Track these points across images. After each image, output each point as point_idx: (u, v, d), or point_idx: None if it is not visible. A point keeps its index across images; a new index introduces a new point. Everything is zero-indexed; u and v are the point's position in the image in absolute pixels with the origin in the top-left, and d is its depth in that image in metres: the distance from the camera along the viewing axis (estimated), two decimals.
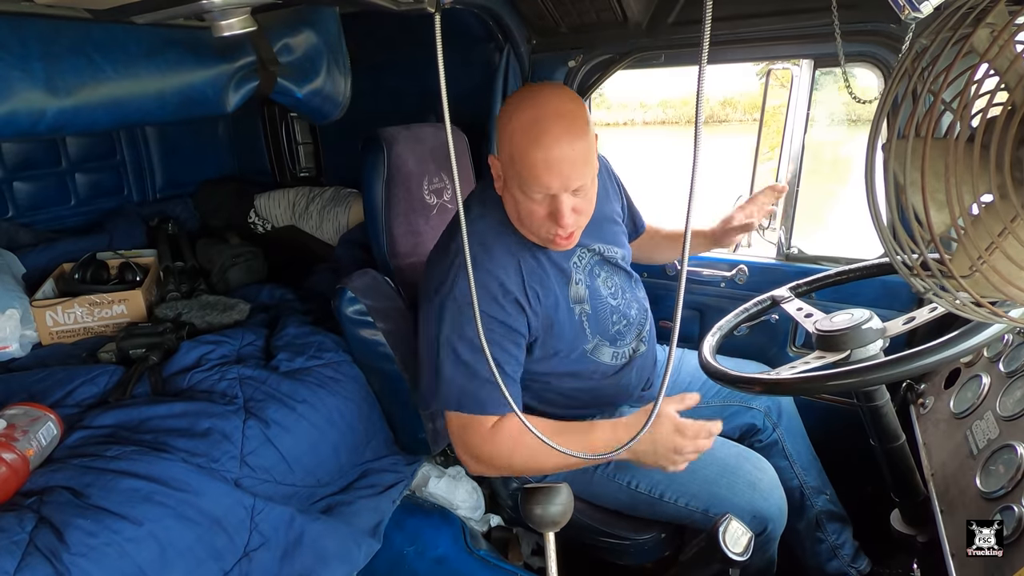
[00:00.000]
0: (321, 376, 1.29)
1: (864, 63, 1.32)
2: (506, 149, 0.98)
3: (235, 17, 0.76)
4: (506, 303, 1.03)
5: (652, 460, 1.04)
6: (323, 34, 1.61)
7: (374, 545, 1.15)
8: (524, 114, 0.95)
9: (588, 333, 1.15)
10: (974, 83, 0.54)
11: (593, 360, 1.18)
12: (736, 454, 1.18)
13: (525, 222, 1.03)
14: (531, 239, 1.07)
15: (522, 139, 0.94)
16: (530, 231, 1.05)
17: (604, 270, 1.21)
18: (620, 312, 1.20)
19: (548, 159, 0.93)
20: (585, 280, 1.16)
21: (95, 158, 2.12)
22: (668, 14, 1.43)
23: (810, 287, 1.25)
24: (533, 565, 1.43)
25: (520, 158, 0.95)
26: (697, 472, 1.13)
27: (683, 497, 1.15)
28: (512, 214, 1.05)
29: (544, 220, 1.00)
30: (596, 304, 1.16)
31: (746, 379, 0.98)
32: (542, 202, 0.98)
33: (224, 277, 1.90)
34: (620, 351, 1.21)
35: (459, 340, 1.01)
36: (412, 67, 1.85)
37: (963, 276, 0.57)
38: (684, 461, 1.03)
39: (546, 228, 1.01)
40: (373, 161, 1.35)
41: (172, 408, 1.14)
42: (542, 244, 1.07)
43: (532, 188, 0.96)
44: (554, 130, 0.93)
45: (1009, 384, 0.97)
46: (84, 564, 0.83)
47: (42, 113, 1.18)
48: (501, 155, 1.01)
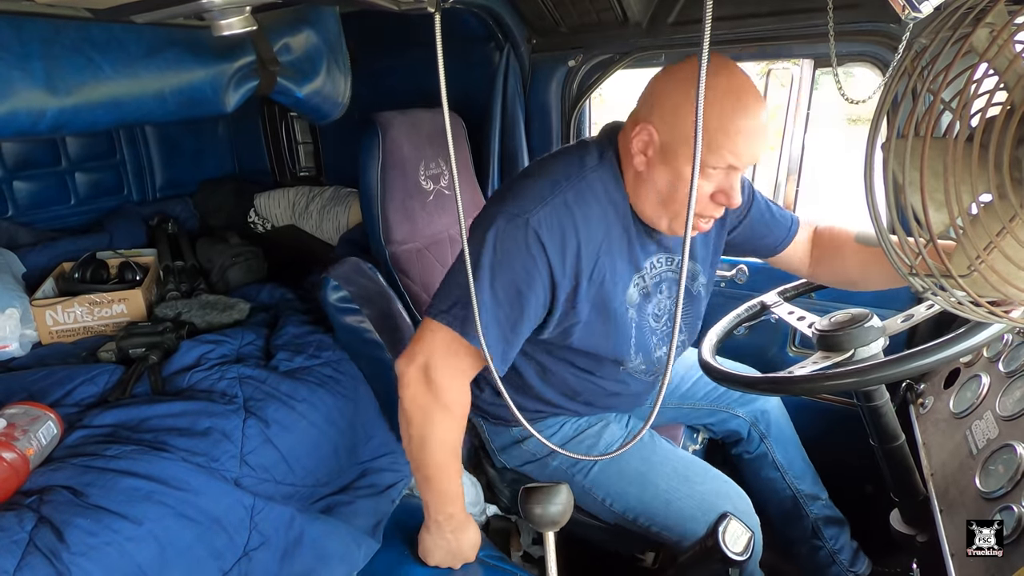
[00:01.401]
0: (321, 375, 1.29)
1: (864, 62, 1.32)
2: (684, 114, 0.88)
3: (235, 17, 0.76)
4: (566, 262, 0.94)
5: (430, 553, 1.05)
6: (323, 34, 1.61)
7: (374, 545, 1.15)
8: (721, 80, 0.86)
9: (633, 343, 1.07)
10: (973, 83, 0.54)
11: (624, 377, 1.12)
12: (714, 490, 1.13)
13: (678, 200, 0.92)
14: (659, 222, 0.98)
15: (725, 105, 0.85)
16: (671, 214, 0.95)
17: (670, 289, 1.10)
18: (659, 336, 1.12)
19: (754, 128, 0.87)
20: (643, 290, 1.06)
21: (95, 158, 2.12)
22: (668, 14, 1.43)
23: (797, 291, 1.25)
24: (533, 554, 1.43)
25: (720, 125, 0.86)
26: (672, 504, 1.11)
27: (656, 526, 1.13)
28: (655, 192, 0.94)
29: (705, 200, 0.92)
30: (641, 319, 1.08)
31: (747, 379, 0.98)
32: (714, 177, 0.90)
33: (224, 277, 1.90)
34: (650, 371, 1.14)
35: (506, 271, 0.92)
36: (412, 67, 1.85)
37: (962, 276, 0.57)
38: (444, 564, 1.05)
39: (701, 208, 0.93)
40: (368, 145, 1.35)
41: (172, 407, 1.14)
42: (669, 230, 0.98)
43: (720, 159, 0.87)
44: (758, 100, 0.88)
45: (1009, 384, 0.97)
46: (84, 563, 0.83)
47: (42, 113, 1.18)
48: (662, 126, 0.90)
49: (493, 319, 0.92)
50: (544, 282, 0.94)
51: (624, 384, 1.15)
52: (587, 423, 1.24)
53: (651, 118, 0.92)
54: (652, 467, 1.15)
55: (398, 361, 0.97)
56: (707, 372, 1.05)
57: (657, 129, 0.91)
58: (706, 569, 1.06)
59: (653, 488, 1.13)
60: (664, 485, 1.13)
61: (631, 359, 1.09)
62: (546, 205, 0.93)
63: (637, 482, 1.14)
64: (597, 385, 1.14)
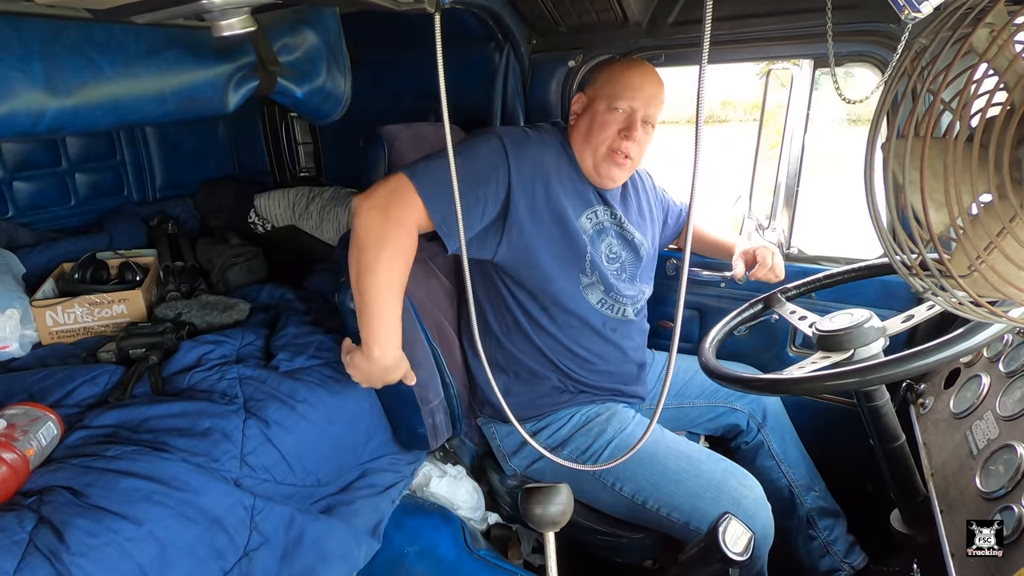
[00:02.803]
0: (321, 375, 1.29)
1: (864, 63, 1.32)
2: (601, 79, 1.23)
3: (235, 17, 0.76)
4: (522, 168, 1.16)
5: (355, 369, 1.12)
6: (323, 34, 1.61)
7: (374, 545, 1.15)
8: (627, 62, 1.24)
9: (589, 259, 1.24)
10: (973, 83, 0.54)
11: (584, 299, 1.26)
12: (723, 469, 1.17)
13: (595, 135, 1.21)
14: (587, 160, 1.24)
15: (623, 69, 1.21)
16: (595, 147, 1.22)
17: (615, 239, 1.31)
18: (615, 276, 1.29)
19: (642, 83, 1.20)
20: (592, 228, 1.27)
21: (95, 158, 2.12)
22: (668, 14, 1.43)
23: (798, 291, 1.26)
24: (533, 563, 1.44)
25: (618, 78, 1.20)
26: (681, 484, 1.14)
27: (665, 507, 1.15)
28: (580, 135, 1.24)
29: (615, 135, 1.20)
30: (594, 249, 1.25)
31: (747, 379, 0.98)
32: (620, 117, 1.20)
33: (224, 277, 1.90)
34: (611, 302, 1.28)
35: (466, 155, 1.14)
36: (412, 67, 1.85)
37: (962, 276, 0.57)
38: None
39: (613, 139, 1.20)
40: (374, 159, 1.35)
41: (172, 408, 1.14)
42: (595, 171, 1.24)
43: (619, 100, 1.19)
44: (649, 72, 1.23)
45: (1009, 384, 0.97)
46: (84, 564, 0.83)
47: (42, 113, 1.18)
48: (589, 89, 1.25)
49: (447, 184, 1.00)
50: (502, 176, 1.15)
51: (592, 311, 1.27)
52: (595, 412, 1.28)
53: (584, 88, 1.27)
54: (660, 449, 1.19)
55: (356, 197, 1.09)
56: (707, 372, 1.05)
57: (585, 94, 1.26)
58: (706, 569, 1.06)
59: (662, 468, 1.16)
60: (673, 465, 1.16)
61: (587, 276, 1.25)
62: (511, 129, 1.25)
63: (647, 464, 1.17)
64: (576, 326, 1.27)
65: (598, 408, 1.29)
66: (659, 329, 1.78)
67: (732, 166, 4.33)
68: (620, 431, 1.23)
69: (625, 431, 1.23)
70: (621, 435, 1.23)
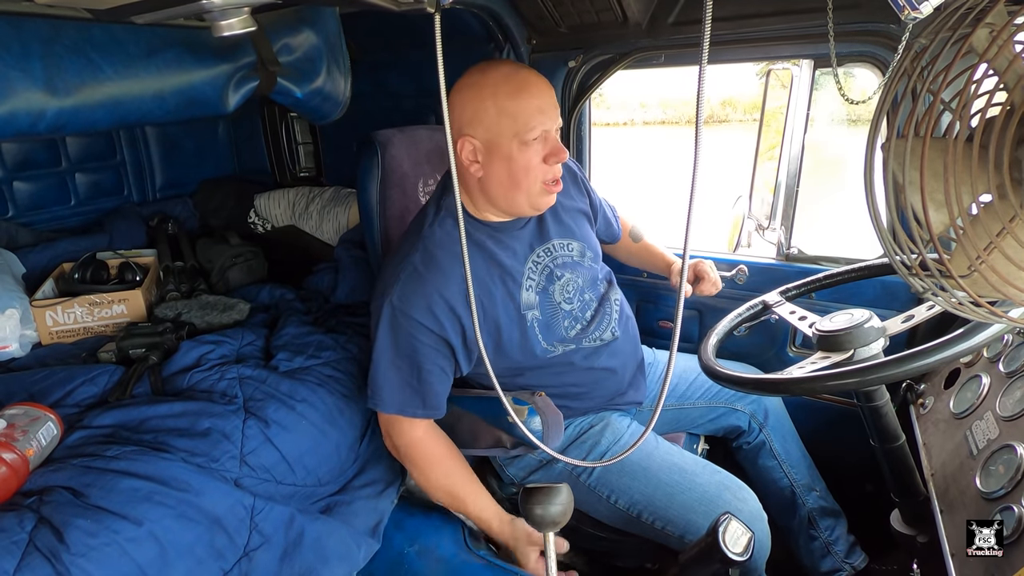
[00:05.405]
0: (320, 375, 1.29)
1: (864, 63, 1.32)
2: (489, 117, 1.01)
3: (235, 17, 0.76)
4: (440, 314, 1.06)
5: (507, 549, 1.16)
6: (323, 34, 1.61)
7: (374, 545, 1.15)
8: (491, 76, 1.02)
9: (541, 339, 1.16)
10: (973, 83, 0.54)
11: (559, 355, 1.20)
12: (718, 482, 1.15)
13: (522, 178, 1.05)
14: (519, 203, 1.09)
15: (508, 93, 1.00)
16: (527, 188, 1.06)
17: (565, 271, 1.20)
18: (573, 317, 1.20)
19: (538, 93, 1.02)
20: (537, 287, 1.17)
21: (95, 158, 2.12)
22: (668, 14, 1.43)
23: (798, 291, 1.26)
24: None
25: (513, 110, 1.00)
26: (675, 497, 1.13)
27: (659, 520, 1.14)
28: (502, 184, 1.06)
29: (541, 167, 1.05)
30: (546, 311, 1.17)
31: (747, 379, 0.98)
32: (537, 145, 1.03)
33: (224, 277, 1.90)
34: (586, 341, 1.22)
35: (393, 345, 1.08)
36: (412, 67, 1.85)
37: (962, 276, 0.57)
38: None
39: (543, 172, 1.05)
40: (367, 164, 1.35)
41: (172, 408, 1.14)
42: (532, 207, 1.10)
43: (530, 131, 1.01)
44: (531, 77, 1.03)
45: (1009, 384, 0.97)
46: (84, 564, 0.83)
47: (42, 113, 1.18)
48: (476, 131, 1.03)
49: (399, 383, 1.10)
50: (430, 339, 1.08)
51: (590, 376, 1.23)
52: (589, 423, 1.26)
53: (464, 131, 1.04)
54: (654, 461, 1.18)
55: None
56: (707, 372, 1.05)
57: (474, 135, 1.04)
58: (706, 569, 1.06)
59: (655, 481, 1.15)
60: (666, 478, 1.15)
61: (554, 347, 1.18)
62: (399, 281, 1.07)
63: (640, 476, 1.16)
64: (555, 372, 1.21)
65: (591, 419, 1.27)
66: (659, 329, 1.78)
67: (731, 166, 4.33)
68: (614, 442, 1.22)
69: (619, 442, 1.22)
70: (615, 447, 1.22)
